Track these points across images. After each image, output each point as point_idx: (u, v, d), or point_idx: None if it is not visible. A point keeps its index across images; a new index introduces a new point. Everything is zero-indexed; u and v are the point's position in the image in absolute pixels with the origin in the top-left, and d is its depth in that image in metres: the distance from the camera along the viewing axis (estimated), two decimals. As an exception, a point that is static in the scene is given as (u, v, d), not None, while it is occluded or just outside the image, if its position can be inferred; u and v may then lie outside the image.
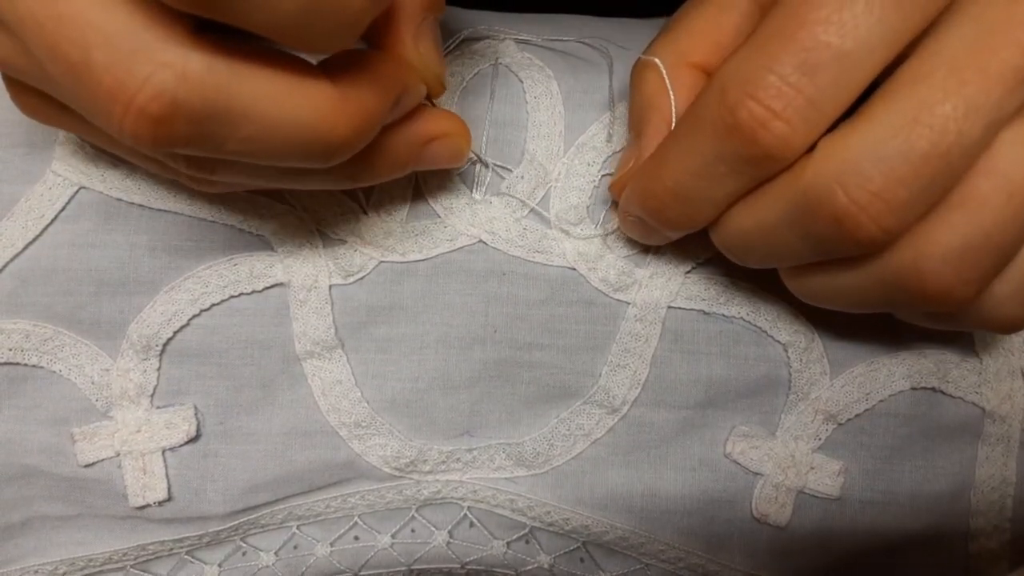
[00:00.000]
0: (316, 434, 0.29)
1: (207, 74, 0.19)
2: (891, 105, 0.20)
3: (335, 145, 0.21)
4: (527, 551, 0.30)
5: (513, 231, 0.29)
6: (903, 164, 0.20)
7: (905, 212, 0.20)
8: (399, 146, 0.24)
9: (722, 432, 0.29)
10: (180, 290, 0.28)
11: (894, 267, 0.21)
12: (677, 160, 0.23)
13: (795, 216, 0.21)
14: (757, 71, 0.20)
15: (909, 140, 0.19)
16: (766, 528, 0.29)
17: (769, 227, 0.22)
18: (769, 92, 0.20)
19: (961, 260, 0.21)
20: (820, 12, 0.19)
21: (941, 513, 0.29)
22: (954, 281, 0.21)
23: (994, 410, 0.29)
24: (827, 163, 0.20)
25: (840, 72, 0.19)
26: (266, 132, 0.20)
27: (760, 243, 0.23)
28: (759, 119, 0.20)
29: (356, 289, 0.29)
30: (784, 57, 0.20)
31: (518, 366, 0.29)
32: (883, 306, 0.23)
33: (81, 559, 0.28)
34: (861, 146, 0.20)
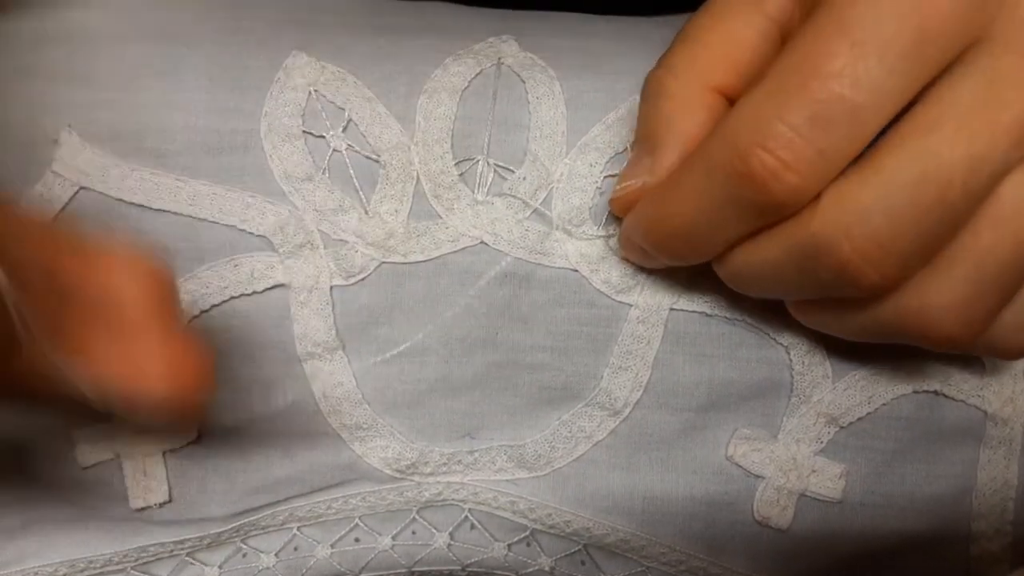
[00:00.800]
0: (317, 436, 0.29)
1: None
2: (899, 155, 0.20)
3: None
4: (528, 553, 0.30)
5: (515, 232, 0.29)
6: (908, 216, 0.20)
7: (908, 262, 0.21)
8: None
9: (724, 434, 0.29)
10: (180, 291, 0.28)
11: (899, 311, 0.22)
12: (686, 197, 0.23)
13: (800, 259, 0.22)
14: (769, 120, 0.20)
15: (916, 193, 0.20)
16: (768, 531, 0.29)
17: (774, 266, 0.23)
18: (780, 143, 0.20)
19: (965, 308, 0.21)
20: (834, 64, 0.19)
21: (942, 516, 0.29)
22: (958, 328, 0.22)
23: (996, 413, 0.29)
24: (833, 212, 0.21)
25: (852, 124, 0.20)
26: None
27: (764, 280, 0.24)
28: (770, 169, 0.20)
29: (357, 290, 0.29)
30: (796, 108, 0.20)
31: (519, 368, 0.29)
32: (887, 341, 0.24)
33: (81, 561, 0.28)
34: (868, 197, 0.20)
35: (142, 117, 0.28)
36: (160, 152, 0.28)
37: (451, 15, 0.31)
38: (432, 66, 0.29)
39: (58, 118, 0.28)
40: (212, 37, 0.29)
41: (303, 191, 0.28)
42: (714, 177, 0.22)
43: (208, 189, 0.28)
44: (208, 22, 0.30)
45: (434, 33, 0.30)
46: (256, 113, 0.28)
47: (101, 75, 0.28)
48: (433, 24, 0.30)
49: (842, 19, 0.20)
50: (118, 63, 0.28)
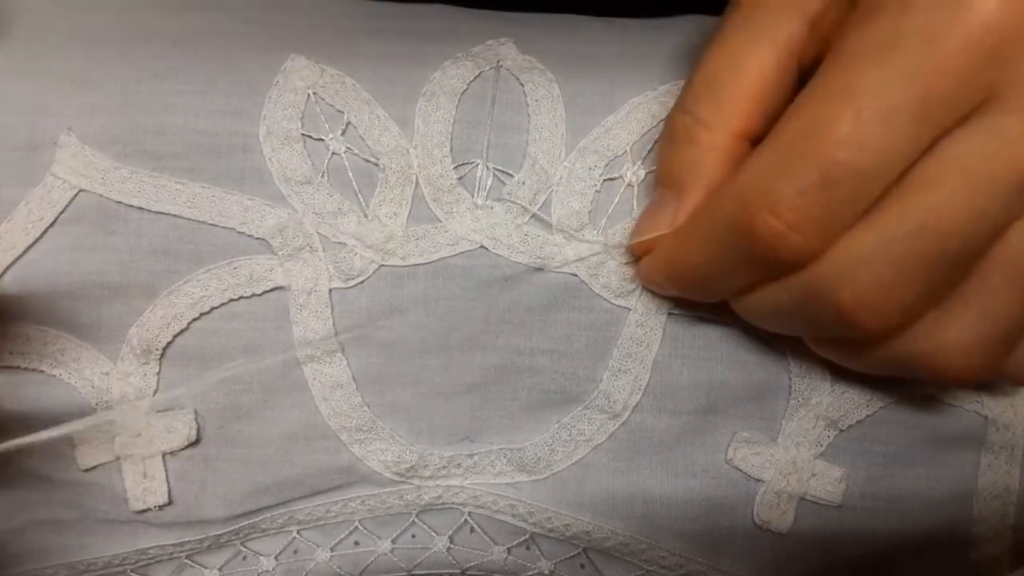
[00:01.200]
0: (317, 438, 0.29)
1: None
2: (901, 208, 0.20)
3: None
4: (528, 557, 0.30)
5: (514, 237, 0.29)
6: (909, 266, 0.20)
7: (909, 308, 0.21)
8: None
9: (724, 438, 0.29)
10: (180, 294, 0.28)
11: (912, 352, 0.23)
12: (699, 247, 0.24)
13: (804, 304, 0.22)
14: (776, 184, 0.21)
15: (916, 244, 0.20)
16: (768, 535, 0.29)
17: (782, 310, 0.24)
18: (786, 206, 0.21)
19: (976, 349, 0.22)
20: (840, 130, 0.20)
21: (943, 520, 0.29)
22: (969, 368, 0.22)
23: (997, 418, 0.29)
24: (836, 260, 0.21)
25: (857, 187, 0.20)
26: None
27: (775, 320, 0.25)
28: (777, 232, 0.21)
29: (356, 293, 0.29)
30: (803, 172, 0.20)
31: (519, 371, 0.29)
32: (901, 375, 0.25)
33: (81, 563, 0.29)
34: (869, 246, 0.21)
35: (142, 120, 0.28)
36: (159, 155, 0.28)
37: (449, 18, 0.31)
38: (430, 69, 0.29)
39: (58, 121, 0.28)
40: (212, 41, 0.29)
41: (302, 194, 0.28)
42: (724, 232, 0.22)
43: (207, 192, 0.28)
44: (207, 26, 0.30)
45: (432, 36, 0.30)
46: (255, 116, 0.28)
47: (101, 78, 0.28)
48: (431, 27, 0.30)
49: (848, 83, 0.20)
50: (118, 66, 0.28)
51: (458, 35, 0.30)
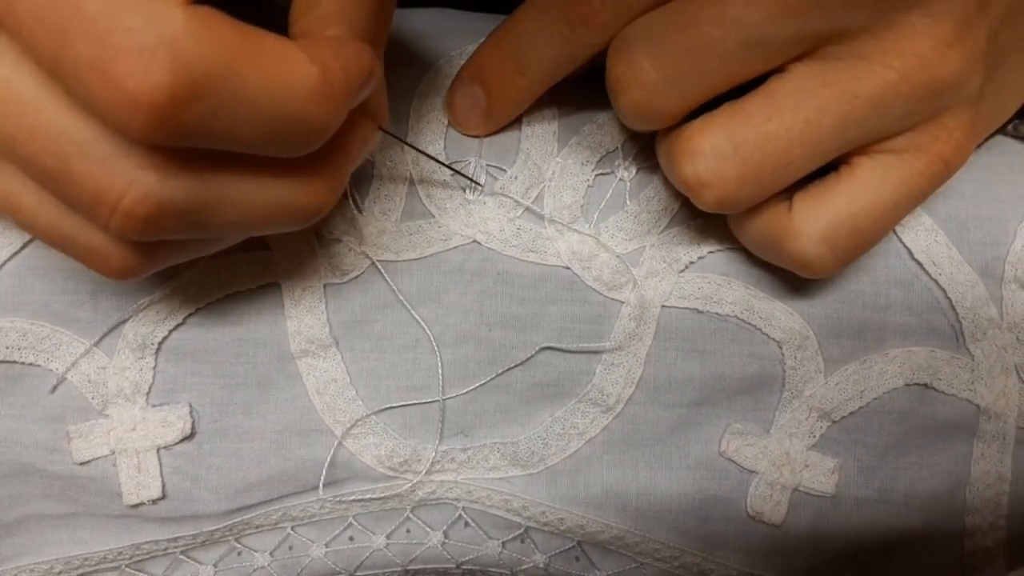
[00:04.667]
0: (310, 432, 0.29)
1: (188, 168, 0.20)
2: (675, 1, 0.24)
3: (315, 209, 0.23)
4: (522, 551, 0.30)
5: (507, 231, 0.29)
6: (660, 50, 0.24)
7: (655, 93, 0.24)
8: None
9: (717, 430, 0.30)
10: (176, 288, 0.29)
11: (665, 150, 0.26)
12: (522, 17, 0.27)
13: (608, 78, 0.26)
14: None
15: (669, 30, 0.24)
16: (761, 526, 0.30)
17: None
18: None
19: (709, 160, 0.24)
20: None
21: (936, 511, 0.30)
22: (693, 178, 0.25)
23: (989, 407, 0.29)
24: (617, 37, 0.25)
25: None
26: (251, 209, 0.22)
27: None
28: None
29: (351, 288, 0.29)
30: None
31: (512, 365, 0.30)
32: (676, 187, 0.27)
33: (76, 558, 0.29)
34: (639, 28, 0.24)
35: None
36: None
37: (443, 19, 0.32)
38: (425, 68, 0.30)
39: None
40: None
41: (297, 189, 0.29)
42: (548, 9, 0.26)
43: (203, 188, 0.29)
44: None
45: (426, 36, 0.31)
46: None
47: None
48: (425, 27, 0.31)
49: None
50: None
51: (453, 34, 0.31)
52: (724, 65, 0.24)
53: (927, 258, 0.29)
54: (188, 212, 0.20)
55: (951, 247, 0.29)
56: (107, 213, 0.19)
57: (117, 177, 0.19)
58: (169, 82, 0.17)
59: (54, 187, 0.20)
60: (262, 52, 0.19)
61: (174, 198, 0.20)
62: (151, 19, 0.17)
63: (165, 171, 0.19)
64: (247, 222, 0.22)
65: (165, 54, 0.17)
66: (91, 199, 0.19)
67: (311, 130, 0.21)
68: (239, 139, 0.20)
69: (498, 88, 0.28)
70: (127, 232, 0.20)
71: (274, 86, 0.19)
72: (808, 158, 0.25)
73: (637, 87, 0.24)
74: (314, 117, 0.20)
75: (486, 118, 0.29)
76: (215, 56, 0.18)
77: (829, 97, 0.24)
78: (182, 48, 0.17)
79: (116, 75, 0.17)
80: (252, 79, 0.19)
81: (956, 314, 0.30)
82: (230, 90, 0.18)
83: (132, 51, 0.17)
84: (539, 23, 0.26)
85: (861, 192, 0.25)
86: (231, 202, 0.21)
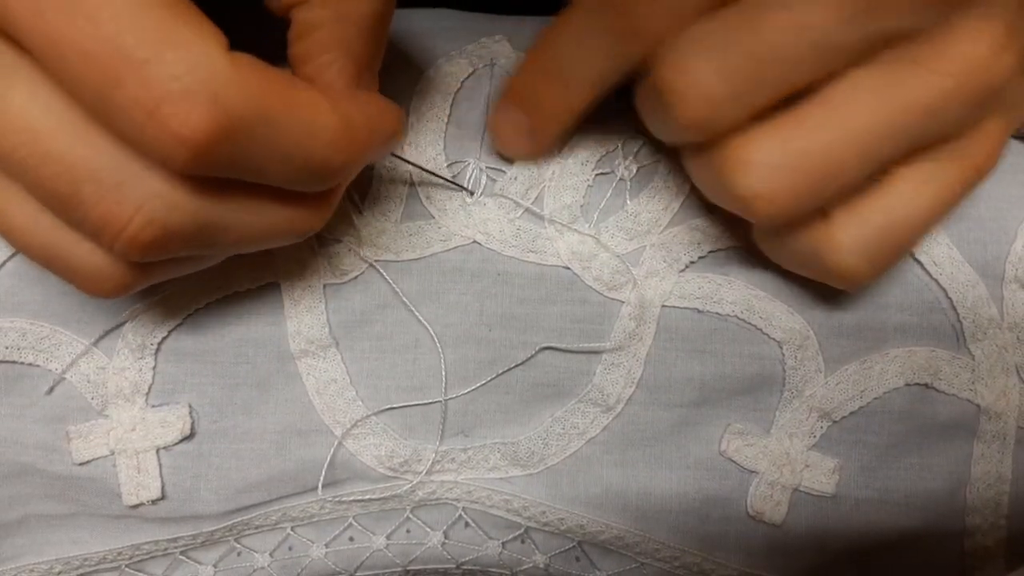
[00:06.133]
0: (310, 433, 0.30)
1: (196, 194, 0.21)
2: (734, 5, 0.22)
3: (309, 227, 0.24)
4: (523, 551, 0.31)
5: (507, 232, 0.29)
6: (723, 59, 0.22)
7: (720, 105, 0.23)
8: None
9: (717, 430, 0.30)
10: (175, 289, 0.29)
11: (715, 163, 0.24)
12: (562, 34, 0.26)
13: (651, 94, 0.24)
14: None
15: (730, 38, 0.22)
16: (762, 526, 0.30)
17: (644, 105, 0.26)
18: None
19: (765, 172, 0.23)
20: None
21: (937, 510, 0.30)
22: (749, 192, 0.24)
23: (989, 407, 0.30)
24: (668, 46, 0.23)
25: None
26: (250, 231, 0.23)
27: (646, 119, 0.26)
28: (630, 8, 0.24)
29: (350, 288, 0.30)
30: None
31: (512, 365, 0.30)
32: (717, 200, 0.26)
33: (76, 558, 0.29)
34: (694, 36, 0.23)
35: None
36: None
37: (442, 19, 0.32)
38: (424, 67, 0.30)
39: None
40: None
41: (297, 189, 0.29)
42: (588, 8, 0.25)
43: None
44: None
45: (425, 36, 0.31)
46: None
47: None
48: (424, 27, 0.31)
49: None
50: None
51: (452, 33, 0.31)
52: (790, 72, 0.23)
53: (928, 258, 0.29)
54: (191, 235, 0.21)
55: (952, 247, 0.30)
56: (113, 236, 0.21)
57: (127, 203, 0.20)
58: (209, 125, 0.19)
59: (61, 209, 0.21)
60: (292, 100, 0.21)
61: (180, 222, 0.21)
62: (195, 65, 0.19)
63: (173, 198, 0.21)
64: (245, 243, 0.23)
65: (207, 99, 0.19)
66: (99, 222, 0.20)
67: (329, 172, 0.23)
68: (265, 174, 0.21)
69: (543, 110, 0.28)
70: (130, 254, 0.21)
71: (300, 131, 0.21)
72: (862, 168, 0.24)
73: (700, 100, 0.23)
74: (333, 161, 0.22)
75: (533, 141, 0.29)
76: (251, 102, 0.20)
77: (886, 105, 0.23)
78: (222, 94, 0.19)
79: (162, 116, 0.19)
80: (282, 124, 0.20)
81: (957, 314, 0.30)
82: (261, 133, 0.20)
83: (178, 95, 0.19)
84: (581, 39, 0.25)
85: (900, 203, 0.25)
86: (233, 225, 0.22)
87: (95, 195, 0.20)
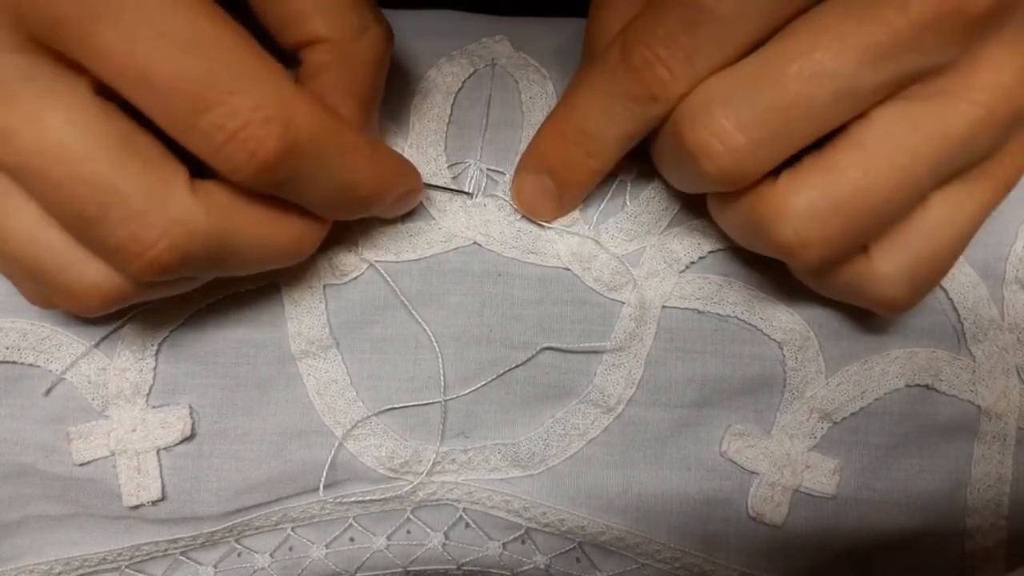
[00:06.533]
0: (311, 434, 0.30)
1: (210, 225, 0.23)
2: (752, 57, 0.23)
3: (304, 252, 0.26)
4: (523, 552, 0.31)
5: (507, 233, 0.30)
6: (746, 112, 0.22)
7: (745, 157, 0.23)
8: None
9: (718, 431, 0.30)
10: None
11: (750, 213, 0.25)
12: (582, 100, 0.26)
13: (670, 147, 0.25)
14: (652, 25, 0.23)
15: (752, 90, 0.22)
16: (762, 527, 0.30)
17: (662, 156, 0.26)
18: (656, 41, 0.23)
19: (808, 220, 0.23)
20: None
21: (937, 511, 0.30)
22: (794, 240, 0.24)
23: (990, 408, 0.30)
24: (688, 101, 0.24)
25: (716, 33, 0.23)
26: (255, 259, 0.25)
27: (667, 171, 0.27)
28: (647, 61, 0.24)
29: (351, 289, 0.30)
30: (672, 15, 0.23)
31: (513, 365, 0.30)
32: (752, 247, 0.27)
33: (76, 559, 0.29)
34: (715, 90, 0.23)
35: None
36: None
37: (442, 19, 0.32)
38: (426, 67, 0.30)
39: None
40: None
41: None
42: (606, 75, 0.25)
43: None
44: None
45: (428, 35, 0.31)
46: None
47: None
48: (425, 27, 0.31)
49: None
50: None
51: (452, 34, 0.31)
52: (814, 120, 0.23)
53: (928, 259, 0.30)
54: (203, 259, 0.23)
55: (952, 248, 0.30)
56: (133, 257, 0.22)
57: (152, 228, 0.22)
58: (279, 147, 0.22)
59: (81, 228, 0.22)
60: (342, 135, 0.23)
61: (196, 248, 0.23)
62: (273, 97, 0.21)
63: (193, 225, 0.22)
64: (246, 268, 0.25)
65: (281, 126, 0.21)
66: (120, 245, 0.22)
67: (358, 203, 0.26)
68: (307, 195, 0.24)
69: (568, 175, 0.28)
70: (143, 274, 0.23)
71: (345, 164, 0.24)
72: (906, 203, 0.24)
73: (726, 153, 0.23)
74: (364, 192, 0.25)
75: (559, 204, 0.29)
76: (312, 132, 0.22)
77: (922, 140, 0.23)
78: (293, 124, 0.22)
79: (242, 138, 0.21)
80: (333, 154, 0.23)
81: (957, 315, 0.30)
82: (315, 159, 0.23)
83: (259, 122, 0.21)
84: (602, 104, 0.25)
85: (939, 229, 0.25)
86: (240, 251, 0.24)
87: (121, 219, 0.22)
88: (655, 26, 0.23)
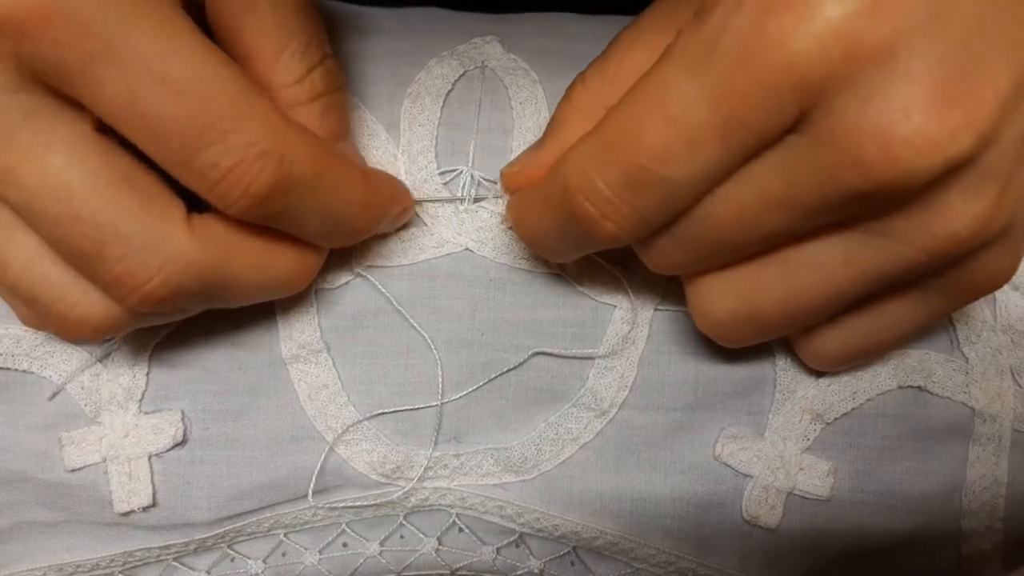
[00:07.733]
0: (302, 439, 0.30)
1: (206, 260, 0.23)
2: (699, 219, 0.23)
3: (300, 284, 0.27)
4: (517, 557, 0.30)
5: (499, 239, 0.30)
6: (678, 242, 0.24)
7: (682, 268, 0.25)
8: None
9: (711, 434, 0.30)
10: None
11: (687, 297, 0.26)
12: (532, 214, 0.26)
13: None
14: (592, 176, 0.22)
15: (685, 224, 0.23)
16: (756, 530, 0.30)
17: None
18: (600, 198, 0.22)
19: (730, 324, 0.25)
20: (648, 138, 0.21)
21: (932, 514, 0.30)
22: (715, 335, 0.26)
23: (984, 409, 0.30)
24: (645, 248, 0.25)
25: (662, 195, 0.22)
26: (253, 286, 0.25)
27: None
28: (592, 217, 0.23)
29: (342, 293, 0.30)
30: (614, 172, 0.22)
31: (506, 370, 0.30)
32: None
33: (69, 565, 0.29)
34: (668, 245, 0.24)
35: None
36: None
37: (435, 19, 0.32)
38: (415, 68, 0.31)
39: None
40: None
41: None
42: (552, 207, 0.24)
43: (195, 194, 0.29)
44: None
45: (417, 35, 0.31)
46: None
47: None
48: (416, 27, 0.32)
49: (664, 89, 0.21)
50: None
51: (443, 33, 0.31)
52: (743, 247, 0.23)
53: (920, 260, 0.29)
54: (197, 293, 0.24)
55: (944, 249, 0.30)
56: (129, 291, 0.23)
57: (148, 265, 0.23)
58: (274, 181, 0.22)
59: (80, 262, 0.23)
60: (335, 167, 0.24)
61: (191, 283, 0.23)
62: (268, 133, 0.22)
63: (188, 261, 0.23)
64: (239, 301, 0.26)
65: (276, 161, 0.22)
66: (116, 280, 0.23)
67: (353, 231, 0.26)
68: (302, 225, 0.25)
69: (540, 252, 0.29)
70: (138, 306, 0.23)
71: (338, 194, 0.25)
72: (817, 317, 0.25)
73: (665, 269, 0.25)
74: (359, 222, 0.26)
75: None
76: (307, 165, 0.23)
77: (852, 275, 0.23)
78: (287, 158, 0.22)
79: (237, 174, 0.22)
80: (327, 186, 0.24)
81: (950, 316, 0.30)
82: (310, 192, 0.23)
83: (253, 157, 0.22)
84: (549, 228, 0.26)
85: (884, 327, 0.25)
86: (237, 284, 0.25)
87: (118, 256, 0.22)
88: (596, 179, 0.22)
